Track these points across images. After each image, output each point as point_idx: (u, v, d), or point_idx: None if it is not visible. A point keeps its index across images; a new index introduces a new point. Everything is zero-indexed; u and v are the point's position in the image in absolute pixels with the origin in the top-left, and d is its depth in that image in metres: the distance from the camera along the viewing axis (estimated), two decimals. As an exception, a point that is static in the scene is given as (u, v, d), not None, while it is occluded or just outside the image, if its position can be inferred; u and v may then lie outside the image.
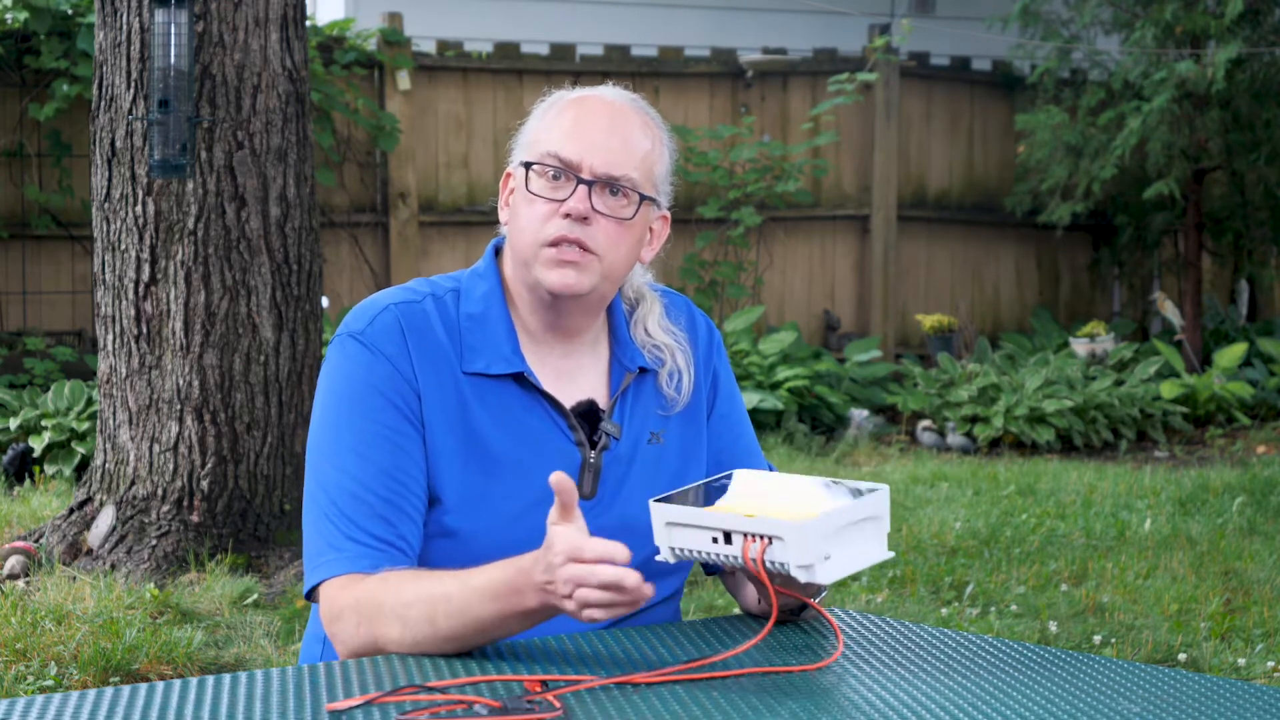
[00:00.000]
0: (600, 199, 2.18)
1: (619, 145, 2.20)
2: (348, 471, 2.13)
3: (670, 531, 2.01)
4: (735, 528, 1.96)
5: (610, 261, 2.20)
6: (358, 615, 2.04)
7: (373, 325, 2.19)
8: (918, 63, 10.56)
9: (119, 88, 5.42)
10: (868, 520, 1.99)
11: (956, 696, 1.87)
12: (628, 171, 2.19)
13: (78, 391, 7.29)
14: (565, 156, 2.18)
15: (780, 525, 1.93)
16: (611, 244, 2.19)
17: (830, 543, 1.94)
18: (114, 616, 4.68)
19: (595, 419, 2.25)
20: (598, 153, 2.18)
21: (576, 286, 2.18)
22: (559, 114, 2.23)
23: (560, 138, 2.19)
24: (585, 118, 2.21)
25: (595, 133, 2.19)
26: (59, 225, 8.52)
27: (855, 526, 1.98)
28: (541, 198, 2.19)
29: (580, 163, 2.18)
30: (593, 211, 2.17)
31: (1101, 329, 10.06)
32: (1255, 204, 10.48)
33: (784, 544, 1.93)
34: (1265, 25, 9.62)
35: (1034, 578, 5.66)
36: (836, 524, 1.95)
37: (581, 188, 2.17)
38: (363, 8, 10.35)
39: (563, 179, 2.18)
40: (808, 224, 10.35)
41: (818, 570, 1.93)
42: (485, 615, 1.97)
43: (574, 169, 2.18)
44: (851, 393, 9.18)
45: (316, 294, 5.62)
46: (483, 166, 9.53)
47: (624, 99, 2.25)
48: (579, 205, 2.17)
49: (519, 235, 2.21)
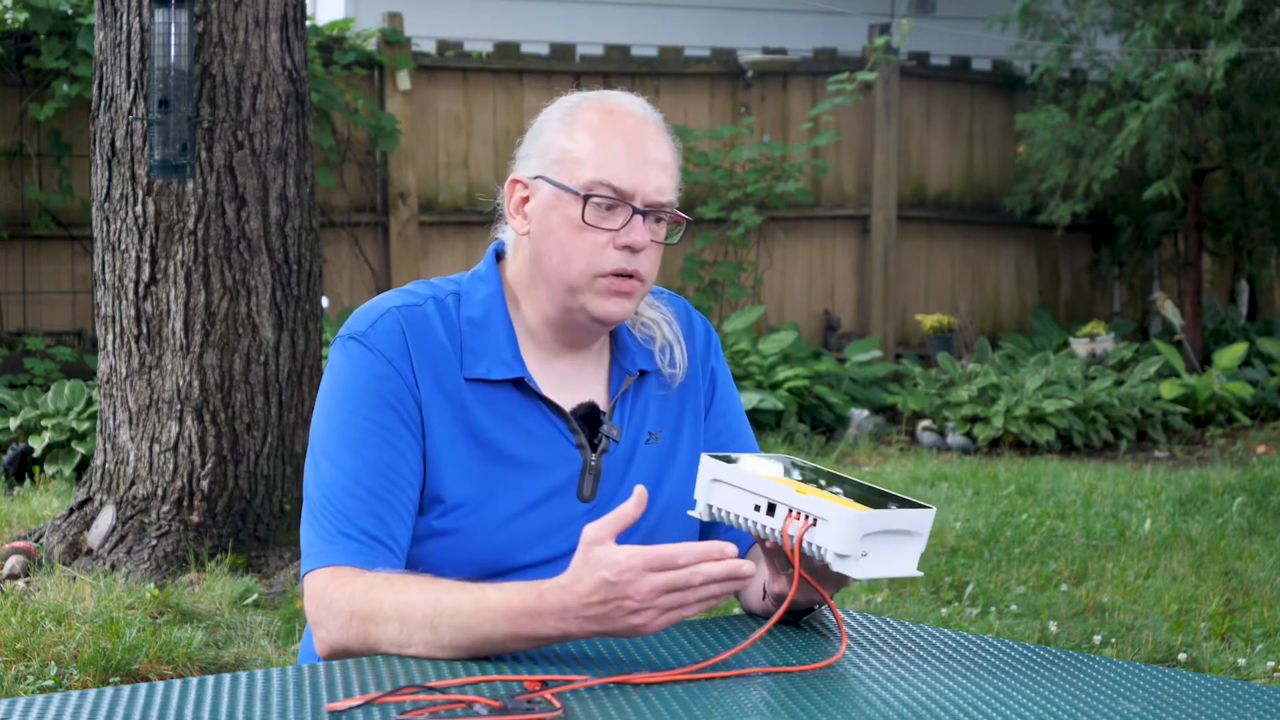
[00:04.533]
0: (649, 226, 2.20)
1: (663, 171, 2.20)
2: (343, 468, 2.13)
3: (713, 489, 2.03)
4: (784, 500, 1.97)
5: (650, 284, 2.24)
6: (351, 608, 2.04)
7: (374, 327, 2.19)
8: (918, 63, 10.55)
9: (119, 88, 5.42)
10: (908, 534, 1.99)
11: (956, 696, 1.87)
12: (671, 197, 2.21)
13: (78, 391, 7.29)
14: (621, 188, 2.17)
15: (831, 509, 1.94)
16: (654, 267, 2.22)
17: (871, 542, 1.95)
18: (114, 616, 4.68)
19: (596, 421, 2.25)
20: (649, 182, 2.18)
21: (625, 316, 2.21)
22: (594, 132, 2.20)
23: (611, 165, 2.17)
24: (630, 143, 2.19)
25: (642, 160, 2.19)
26: (59, 225, 8.52)
27: (896, 537, 1.98)
28: (595, 227, 2.18)
29: (634, 193, 2.18)
30: (648, 242, 2.19)
31: (1101, 329, 10.06)
32: (1255, 204, 10.48)
33: (828, 528, 1.93)
34: (1265, 25, 9.62)
35: (1034, 578, 5.66)
36: (882, 525, 1.96)
37: (637, 218, 2.18)
38: (363, 8, 10.35)
39: (616, 209, 2.18)
40: (808, 224, 10.35)
41: (850, 564, 1.93)
42: (495, 634, 1.97)
43: (627, 199, 2.18)
44: (851, 393, 9.18)
45: (316, 294, 5.62)
46: (483, 166, 9.53)
47: (648, 113, 2.24)
48: (640, 239, 2.18)
49: (562, 261, 2.19)
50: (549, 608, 1.92)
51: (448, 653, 1.99)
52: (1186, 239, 10.28)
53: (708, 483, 2.04)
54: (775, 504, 1.98)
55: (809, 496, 1.96)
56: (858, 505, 1.97)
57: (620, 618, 1.90)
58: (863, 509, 1.96)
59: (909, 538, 1.99)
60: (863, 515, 1.93)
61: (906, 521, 1.98)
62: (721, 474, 2.03)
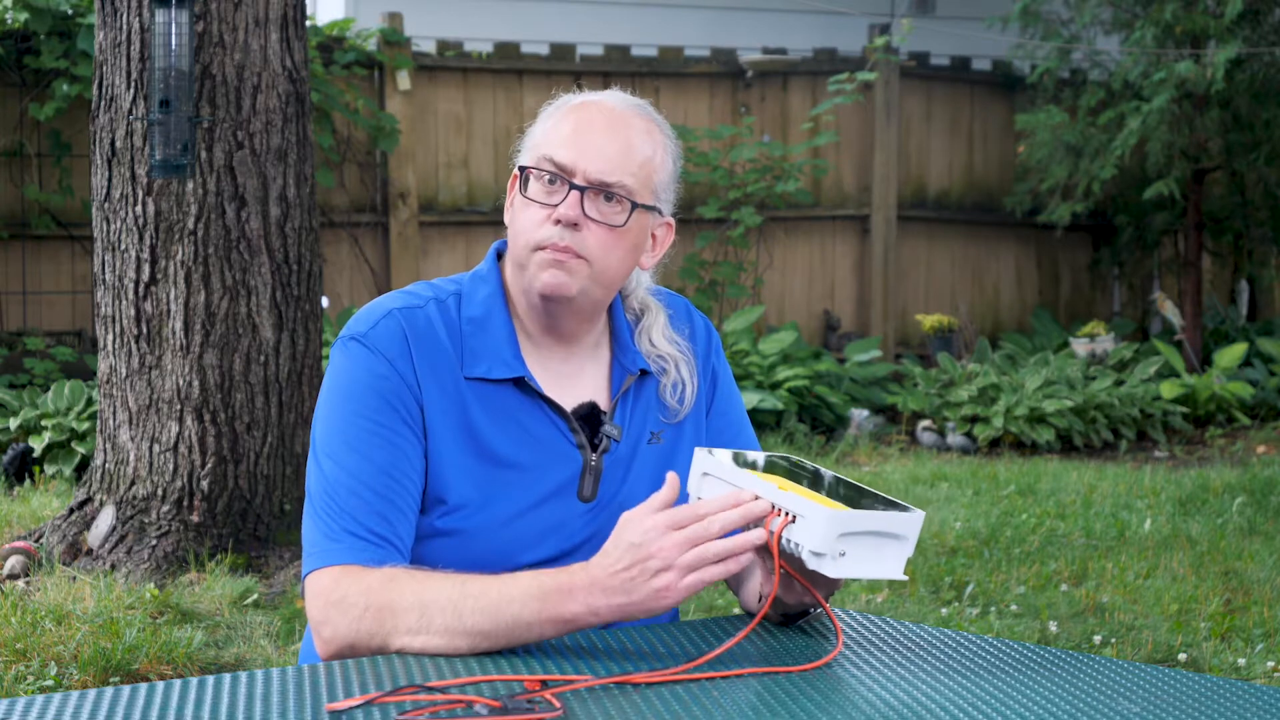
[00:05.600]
0: (593, 205, 2.18)
1: (615, 151, 2.19)
2: (346, 468, 2.13)
3: (703, 482, 2.06)
4: (766, 496, 1.98)
5: (601, 267, 2.20)
6: (368, 600, 2.04)
7: (375, 329, 2.19)
8: (918, 63, 10.55)
9: (119, 88, 5.42)
10: (893, 537, 1.98)
11: (956, 696, 1.87)
12: (621, 178, 2.19)
13: (78, 391, 7.29)
14: (560, 161, 2.18)
15: (808, 506, 1.94)
16: (603, 250, 2.19)
17: (850, 542, 1.94)
18: (114, 616, 4.68)
19: (596, 421, 2.25)
20: (592, 159, 2.18)
21: (563, 289, 2.18)
22: (560, 119, 2.23)
23: (557, 143, 2.20)
24: (584, 123, 2.21)
25: (592, 138, 2.19)
26: (59, 225, 8.52)
27: (880, 539, 1.97)
28: (536, 202, 2.19)
29: (574, 168, 2.18)
30: (584, 218, 2.18)
31: (1101, 329, 10.06)
32: (1255, 204, 10.48)
33: (806, 525, 1.94)
34: (1265, 25, 9.62)
35: (1034, 578, 5.67)
36: (861, 526, 1.95)
37: (574, 194, 2.18)
38: (363, 8, 10.35)
39: (557, 184, 2.19)
40: (808, 224, 10.35)
41: (827, 563, 1.93)
42: (524, 614, 1.98)
43: (567, 174, 2.18)
44: (851, 393, 9.18)
45: (316, 294, 5.62)
46: (483, 167, 9.53)
47: (629, 105, 2.25)
48: (568, 211, 2.17)
49: (515, 238, 2.23)
50: (579, 583, 1.97)
51: (467, 640, 1.99)
52: (1186, 239, 10.28)
53: (699, 476, 2.06)
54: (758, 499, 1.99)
55: (790, 493, 1.97)
56: (837, 504, 1.97)
57: (645, 582, 1.94)
58: (840, 508, 1.96)
59: (894, 540, 1.98)
60: (839, 514, 1.93)
61: (887, 523, 1.97)
62: (711, 467, 2.05)
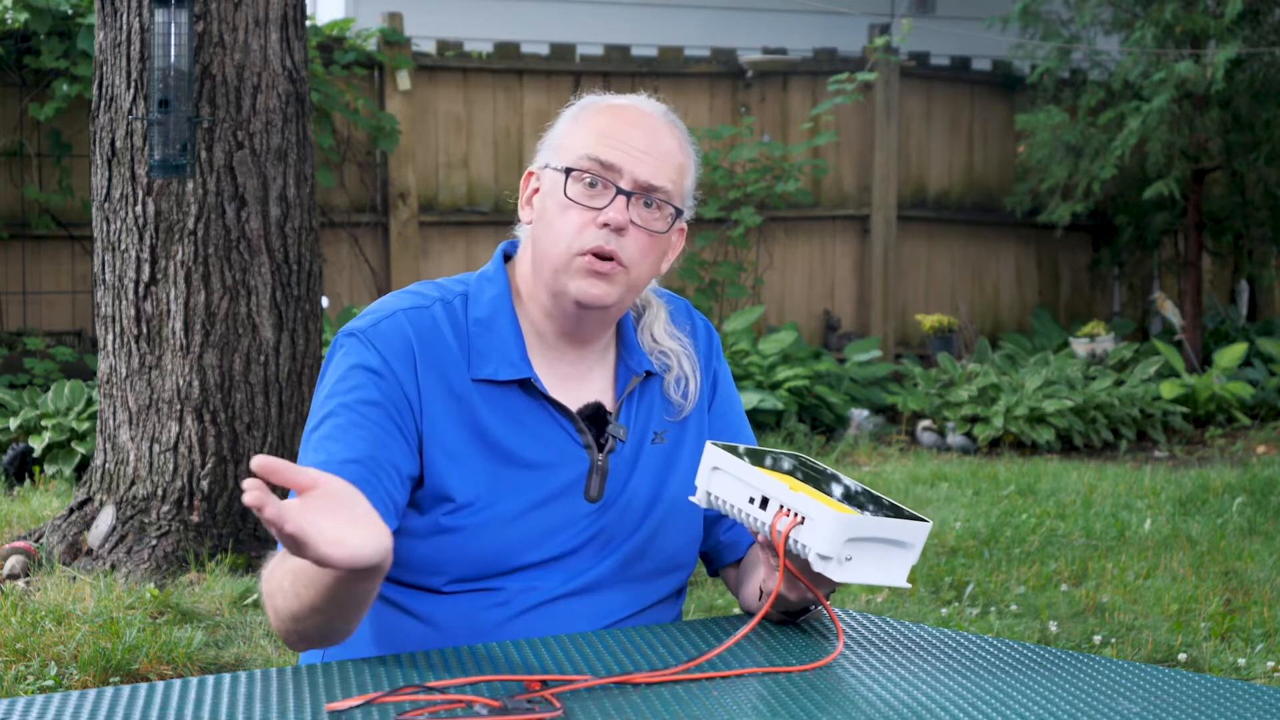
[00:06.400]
0: (636, 210, 2.17)
1: (658, 155, 2.18)
2: (325, 452, 2.11)
3: (713, 477, 2.05)
4: (776, 495, 1.98)
5: (637, 274, 2.19)
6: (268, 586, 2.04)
7: (376, 326, 2.19)
8: (918, 63, 10.55)
9: (119, 88, 5.42)
10: (899, 545, 1.98)
11: (956, 696, 1.87)
12: (665, 183, 2.19)
13: (78, 391, 7.29)
14: (606, 160, 2.16)
15: (817, 508, 1.94)
16: (641, 256, 2.18)
17: (857, 547, 1.95)
18: (114, 616, 4.68)
19: (602, 422, 2.25)
20: (638, 161, 2.17)
21: (604, 299, 2.17)
22: (594, 118, 2.21)
23: (598, 142, 2.17)
24: (624, 125, 2.19)
25: (634, 140, 2.18)
26: (59, 225, 8.52)
27: (885, 545, 1.98)
28: (578, 204, 2.17)
29: (620, 169, 2.16)
30: (629, 223, 2.17)
31: (1101, 329, 10.05)
32: (1255, 204, 10.48)
33: (814, 527, 1.94)
34: (1265, 25, 9.62)
35: (1034, 578, 5.66)
36: (869, 531, 1.95)
37: (620, 197, 2.16)
38: (363, 8, 10.35)
39: (599, 186, 2.16)
40: (808, 224, 10.35)
41: (833, 566, 1.93)
42: None
43: (613, 176, 2.16)
44: (851, 393, 9.18)
45: (316, 294, 5.62)
46: (483, 166, 9.53)
47: (659, 110, 2.24)
48: (618, 216, 2.15)
49: (550, 242, 2.18)
50: None
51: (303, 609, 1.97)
52: (1186, 239, 10.28)
53: (709, 470, 2.06)
54: (768, 498, 1.99)
55: (801, 494, 1.97)
56: (848, 509, 1.97)
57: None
58: (851, 512, 1.96)
59: (900, 548, 1.98)
60: (848, 519, 1.93)
61: (895, 531, 1.97)
62: (722, 462, 2.04)
